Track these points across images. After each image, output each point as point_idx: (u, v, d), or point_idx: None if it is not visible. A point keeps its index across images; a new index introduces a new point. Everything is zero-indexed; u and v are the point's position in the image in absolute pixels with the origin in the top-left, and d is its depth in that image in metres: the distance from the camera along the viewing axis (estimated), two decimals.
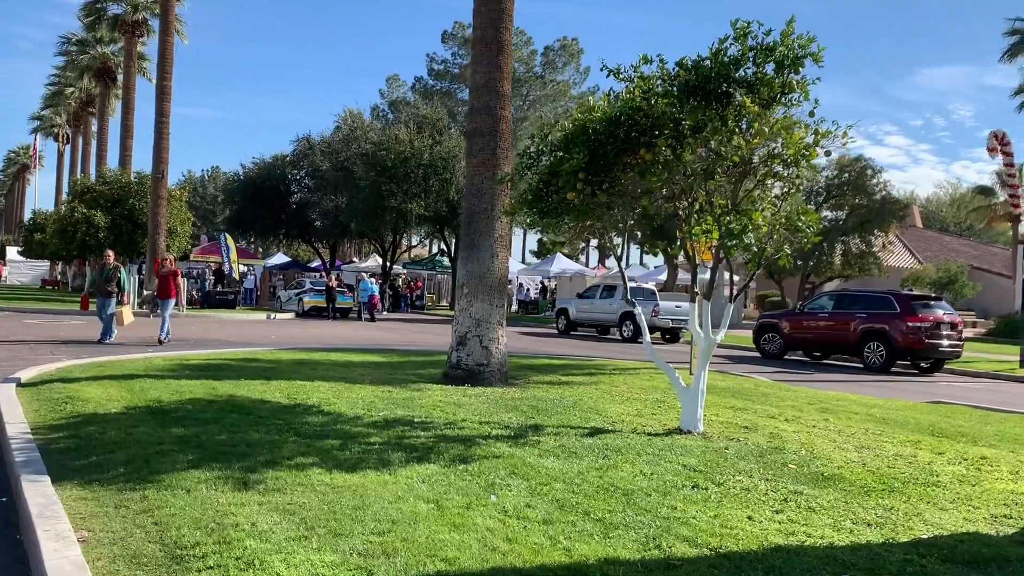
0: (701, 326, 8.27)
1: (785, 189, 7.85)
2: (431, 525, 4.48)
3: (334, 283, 30.94)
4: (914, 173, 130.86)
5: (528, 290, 47.19)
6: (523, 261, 64.20)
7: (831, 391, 12.44)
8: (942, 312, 18.65)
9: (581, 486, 5.55)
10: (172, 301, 16.65)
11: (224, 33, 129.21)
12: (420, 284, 48.90)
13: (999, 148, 25.52)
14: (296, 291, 33.56)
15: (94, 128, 51.90)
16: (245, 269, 38.90)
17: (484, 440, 7.02)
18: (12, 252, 66.91)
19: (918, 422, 9.35)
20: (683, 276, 45.19)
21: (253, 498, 4.86)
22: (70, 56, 48.60)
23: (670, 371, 8.43)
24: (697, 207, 8.09)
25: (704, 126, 7.27)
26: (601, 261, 71.45)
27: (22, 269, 64.74)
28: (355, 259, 64.62)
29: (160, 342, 15.68)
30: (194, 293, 32.24)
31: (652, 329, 26.05)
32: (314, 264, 56.81)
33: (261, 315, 29.94)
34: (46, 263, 59.52)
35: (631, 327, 25.67)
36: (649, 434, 7.77)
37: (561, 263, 45.51)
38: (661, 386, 11.64)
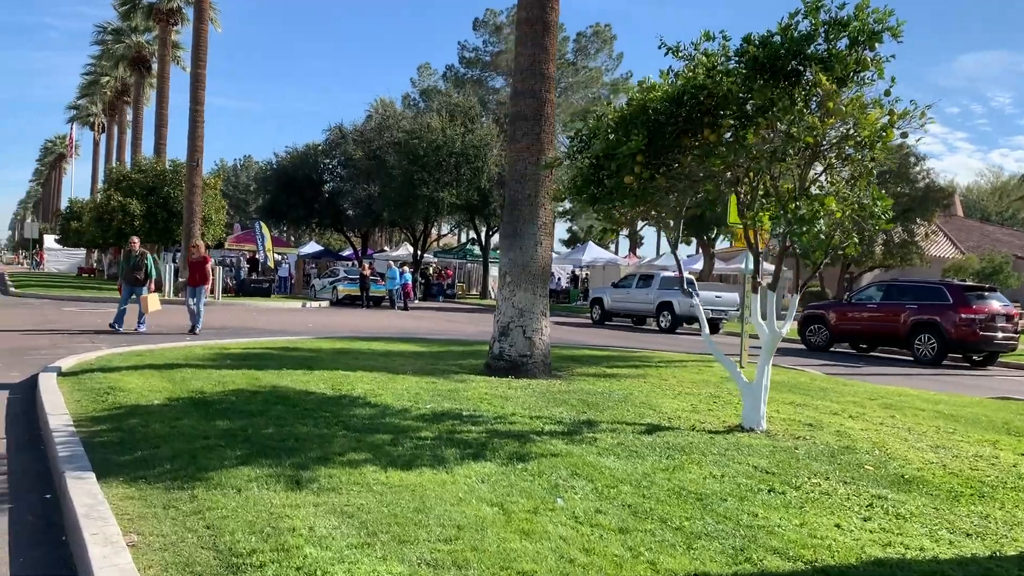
0: (764, 318, 7.88)
1: (855, 173, 7.41)
2: (499, 532, 4.17)
3: (368, 272, 30.78)
4: (951, 162, 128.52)
5: (559, 279, 46.76)
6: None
7: (888, 386, 11.97)
8: (997, 303, 18.00)
9: (650, 489, 5.21)
10: (205, 288, 16.14)
11: (253, 24, 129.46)
12: (451, 273, 48.72)
13: None
14: (330, 279, 33.50)
15: (129, 117, 52.21)
16: (279, 258, 38.91)
17: (538, 436, 6.71)
18: (49, 240, 67.79)
19: (990, 419, 8.89)
20: (719, 266, 44.52)
21: (308, 499, 4.58)
22: (106, 45, 48.83)
23: (731, 366, 8.05)
24: (761, 192, 7.69)
25: (773, 105, 6.85)
26: (632, 250, 70.76)
27: (59, 257, 65.63)
28: (386, 248, 64.65)
29: (195, 332, 15.37)
30: (229, 281, 32.24)
31: (692, 320, 25.58)
32: (345, 253, 56.85)
33: (296, 303, 29.86)
34: (82, 251, 60.20)
35: (669, 317, 25.24)
36: (709, 432, 7.40)
37: (592, 252, 45.06)
38: (712, 380, 11.25)
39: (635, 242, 73.06)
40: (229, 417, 6.80)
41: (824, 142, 6.96)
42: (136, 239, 16.75)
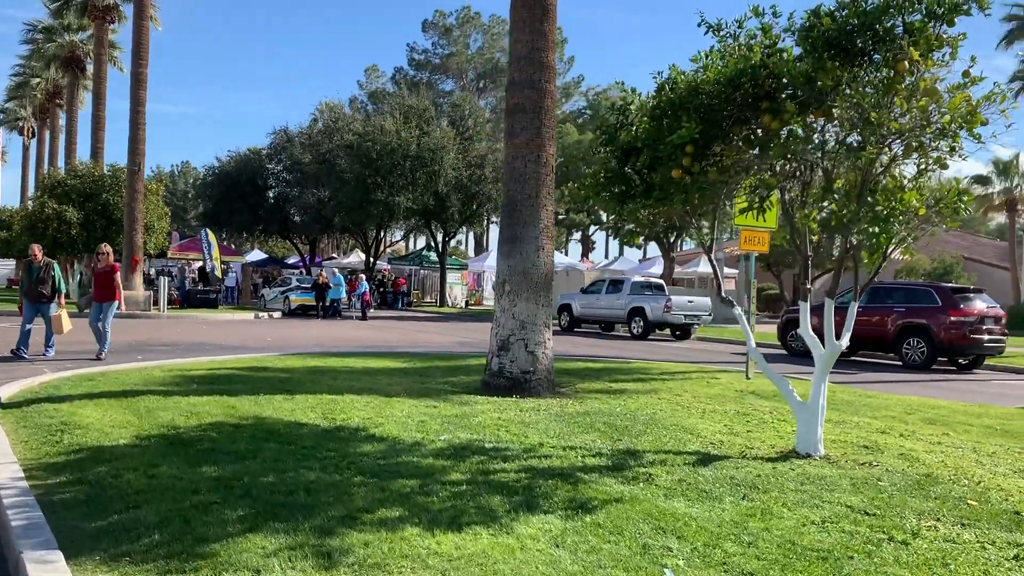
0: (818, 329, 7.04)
1: (920, 166, 6.60)
2: None
3: (324, 280, 29.36)
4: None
5: None
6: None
7: (909, 396, 11.27)
8: (985, 305, 17.59)
9: (758, 545, 4.27)
10: (115, 304, 13.47)
11: (189, 27, 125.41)
12: (404, 281, 47.32)
13: None
14: (281, 289, 31.97)
15: (62, 121, 49.70)
16: (226, 266, 37.23)
17: (585, 474, 5.73)
18: None
19: None
20: (677, 270, 44.06)
21: None
22: (36, 45, 46.36)
23: (784, 385, 7.18)
24: (817, 189, 6.85)
25: (839, 87, 6.02)
26: (584, 254, 70.28)
27: None
28: (334, 255, 62.95)
29: (100, 357, 12.81)
30: (173, 292, 30.54)
31: (663, 325, 24.86)
32: (291, 260, 55.03)
33: (247, 315, 28.35)
34: (12, 262, 57.22)
35: (641, 323, 24.47)
36: (765, 459, 6.52)
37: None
38: (728, 394, 10.41)
39: (587, 246, 72.65)
40: (216, 461, 5.66)
41: (900, 130, 6.11)
42: (37, 247, 13.89)
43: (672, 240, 40.49)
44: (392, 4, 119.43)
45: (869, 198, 6.22)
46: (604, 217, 56.65)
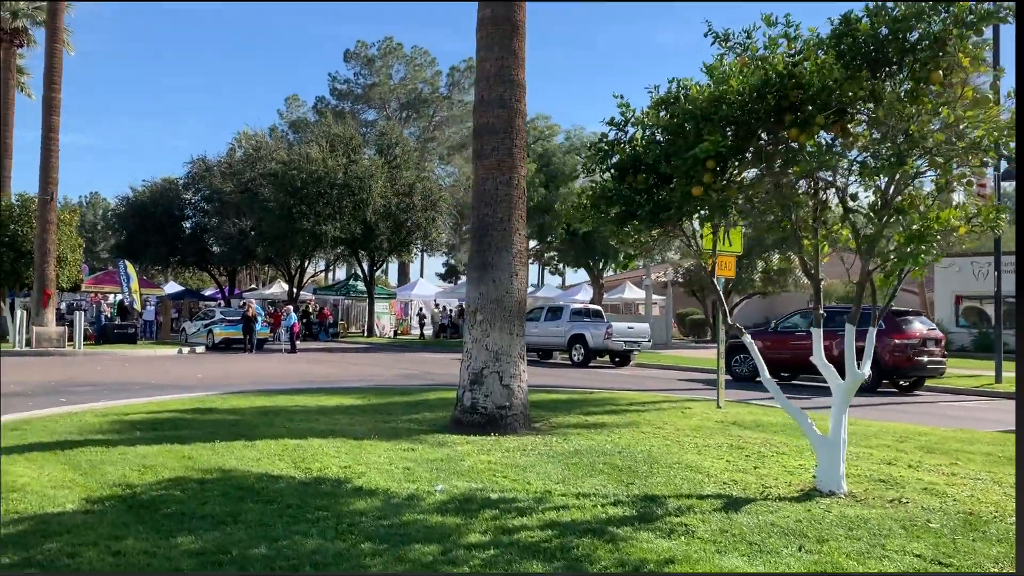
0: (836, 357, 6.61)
1: (939, 182, 6.24)
2: None
3: (252, 312, 27.96)
4: None
5: (450, 312, 44.78)
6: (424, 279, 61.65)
7: (883, 422, 11.02)
8: (926, 328, 17.73)
9: None
10: None
11: (96, 58, 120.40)
12: (328, 313, 45.87)
13: None
14: (204, 322, 30.37)
15: None
16: (145, 300, 35.36)
17: (616, 528, 5.10)
18: None
19: None
20: (604, 296, 43.94)
21: None
22: None
23: (803, 418, 6.74)
24: (835, 208, 6.46)
25: (873, 99, 5.64)
26: None
27: None
28: (254, 286, 60.98)
29: None
30: (88, 328, 28.68)
31: (603, 352, 24.44)
32: (207, 292, 52.95)
33: (169, 350, 26.76)
34: None
35: (582, 351, 24.03)
36: (791, 500, 6.04)
37: None
38: (709, 425, 9.93)
39: None
40: (191, 529, 4.81)
41: (938, 144, 5.74)
42: None
43: (601, 266, 40.46)
44: (312, 36, 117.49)
45: (901, 216, 5.83)
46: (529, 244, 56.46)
